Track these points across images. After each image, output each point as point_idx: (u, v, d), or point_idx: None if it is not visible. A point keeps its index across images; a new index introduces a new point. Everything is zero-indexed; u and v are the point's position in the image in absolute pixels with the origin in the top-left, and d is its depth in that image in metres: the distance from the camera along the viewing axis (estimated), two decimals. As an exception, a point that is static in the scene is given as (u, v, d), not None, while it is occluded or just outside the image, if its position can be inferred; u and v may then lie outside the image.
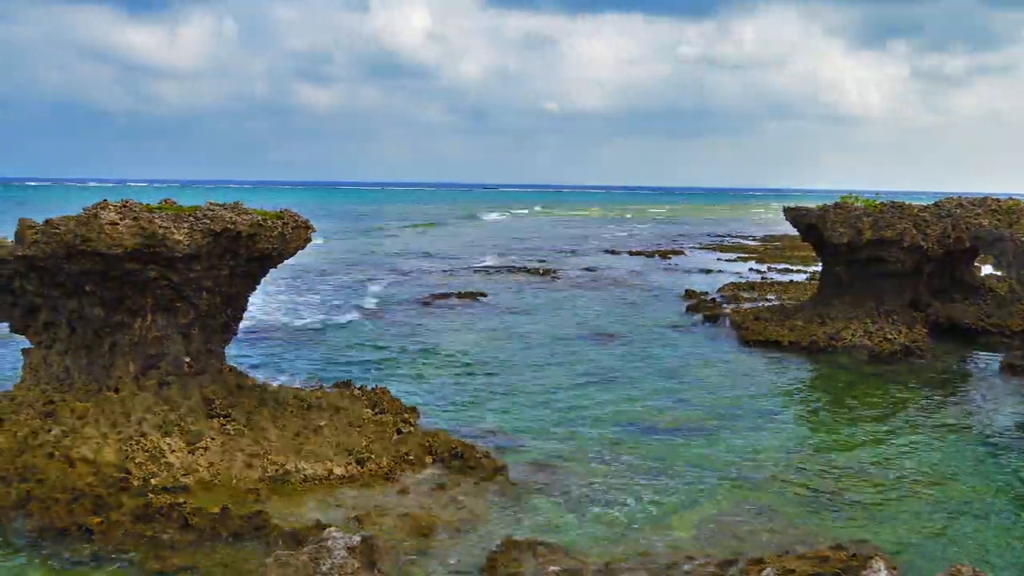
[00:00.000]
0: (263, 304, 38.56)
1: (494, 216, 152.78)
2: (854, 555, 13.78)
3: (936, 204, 36.28)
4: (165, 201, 19.27)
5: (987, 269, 45.95)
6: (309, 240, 20.37)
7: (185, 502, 15.44)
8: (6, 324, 20.03)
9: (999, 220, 34.18)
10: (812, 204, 36.82)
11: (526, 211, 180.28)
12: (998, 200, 36.94)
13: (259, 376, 23.01)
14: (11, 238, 18.48)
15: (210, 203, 18.91)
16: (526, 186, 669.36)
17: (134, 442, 17.33)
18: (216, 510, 15.12)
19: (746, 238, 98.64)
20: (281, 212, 19.79)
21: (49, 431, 17.57)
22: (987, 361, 30.84)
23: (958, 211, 35.18)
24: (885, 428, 22.25)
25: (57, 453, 16.99)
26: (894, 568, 13.02)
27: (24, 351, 19.87)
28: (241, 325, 21.19)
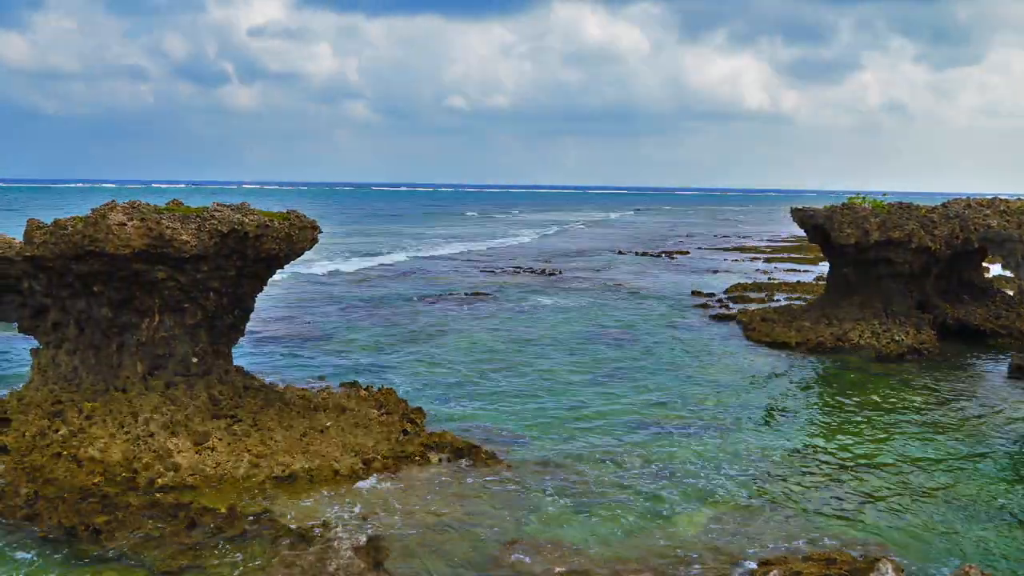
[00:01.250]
0: (267, 304, 38.62)
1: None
2: (861, 557, 13.75)
3: (944, 205, 36.18)
4: (173, 202, 19.37)
5: (995, 270, 45.75)
6: (316, 241, 20.41)
7: (192, 502, 15.50)
8: (15, 323, 20.15)
9: (1007, 221, 34.04)
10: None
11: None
12: (1007, 201, 36.83)
13: (266, 377, 23.05)
14: (20, 238, 18.60)
15: (216, 204, 18.98)
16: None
17: (141, 442, 17.40)
18: (223, 510, 15.18)
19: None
20: (287, 213, 19.84)
21: (57, 431, 17.67)
22: (995, 362, 30.73)
23: (966, 212, 35.06)
24: (892, 429, 22.18)
25: (65, 453, 17.09)
26: (901, 571, 12.97)
27: (33, 351, 19.98)
28: (248, 326, 21.23)
